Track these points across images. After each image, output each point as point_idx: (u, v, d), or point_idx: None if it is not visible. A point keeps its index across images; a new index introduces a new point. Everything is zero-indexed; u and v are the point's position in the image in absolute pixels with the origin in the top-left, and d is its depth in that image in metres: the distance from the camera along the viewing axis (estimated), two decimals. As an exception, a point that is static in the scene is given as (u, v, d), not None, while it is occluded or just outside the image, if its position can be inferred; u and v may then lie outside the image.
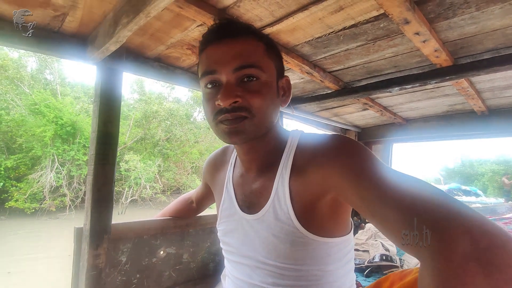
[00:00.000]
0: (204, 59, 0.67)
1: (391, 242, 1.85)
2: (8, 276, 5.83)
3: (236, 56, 0.63)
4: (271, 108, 0.67)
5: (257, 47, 0.66)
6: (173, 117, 16.25)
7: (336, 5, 0.89)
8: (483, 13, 0.92)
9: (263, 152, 0.73)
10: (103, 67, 1.01)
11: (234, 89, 0.62)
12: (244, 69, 0.62)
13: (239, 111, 0.62)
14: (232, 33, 0.65)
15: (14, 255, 6.95)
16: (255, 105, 0.63)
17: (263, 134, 0.69)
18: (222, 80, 0.64)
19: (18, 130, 12.32)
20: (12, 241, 8.28)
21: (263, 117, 0.65)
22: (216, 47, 0.65)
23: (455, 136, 2.22)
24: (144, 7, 0.70)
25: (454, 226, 0.39)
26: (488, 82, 1.52)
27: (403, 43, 1.12)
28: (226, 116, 0.63)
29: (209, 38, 0.66)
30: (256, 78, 0.64)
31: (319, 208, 0.64)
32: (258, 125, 0.65)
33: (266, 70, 0.65)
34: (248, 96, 0.62)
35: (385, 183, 0.51)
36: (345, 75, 1.47)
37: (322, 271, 0.66)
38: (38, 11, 0.86)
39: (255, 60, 0.64)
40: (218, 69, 0.63)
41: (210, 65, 0.65)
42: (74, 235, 1.01)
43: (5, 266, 6.22)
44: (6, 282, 5.61)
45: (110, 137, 1.01)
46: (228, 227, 0.80)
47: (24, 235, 9.02)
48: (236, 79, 0.63)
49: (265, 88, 0.65)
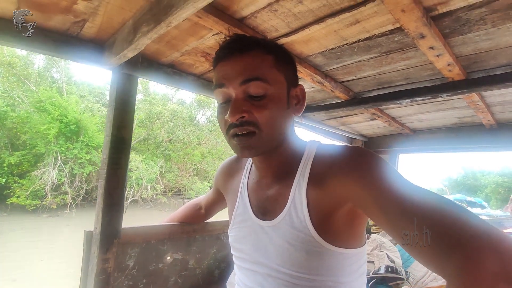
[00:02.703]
0: (215, 75, 0.69)
1: (397, 254, 1.84)
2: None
3: (241, 71, 0.64)
4: (280, 121, 0.68)
5: (264, 60, 0.67)
6: (176, 119, 16.31)
7: (352, 18, 0.90)
8: (499, 30, 0.92)
9: (277, 161, 0.73)
10: (119, 73, 1.02)
11: (242, 104, 0.64)
12: (250, 82, 0.63)
13: (246, 125, 0.63)
14: (240, 49, 0.66)
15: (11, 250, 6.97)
16: (261, 120, 0.64)
17: (275, 147, 0.69)
18: (231, 95, 0.66)
19: (22, 127, 12.42)
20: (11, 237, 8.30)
21: (271, 131, 0.66)
22: (225, 63, 0.67)
23: (463, 149, 2.21)
24: (166, 17, 0.71)
25: (481, 244, 0.39)
26: (499, 96, 1.52)
27: (416, 56, 1.12)
28: (235, 130, 0.64)
29: (219, 55, 0.68)
30: (263, 94, 0.64)
31: (336, 218, 0.64)
32: (267, 139, 0.66)
33: (273, 82, 0.66)
34: (255, 111, 0.63)
35: (405, 196, 0.51)
36: (356, 85, 1.48)
37: (336, 282, 0.65)
38: (58, 17, 0.87)
39: (261, 73, 0.65)
40: (226, 83, 0.65)
41: (219, 79, 0.67)
42: (84, 238, 1.01)
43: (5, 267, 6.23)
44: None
45: (123, 142, 1.02)
46: (240, 233, 0.78)
47: (23, 231, 9.04)
48: (244, 93, 0.65)
49: (272, 102, 0.65)
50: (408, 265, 1.95)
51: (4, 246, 7.36)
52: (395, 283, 1.71)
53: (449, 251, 0.41)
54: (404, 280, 1.73)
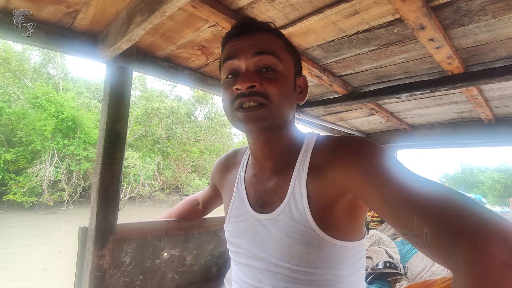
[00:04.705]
0: (226, 50, 0.69)
1: (395, 250, 1.84)
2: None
3: (255, 44, 0.65)
4: (288, 98, 0.67)
5: (276, 42, 0.68)
6: (174, 115, 16.25)
7: (351, 9, 0.88)
8: (499, 21, 0.90)
9: (278, 148, 0.72)
10: (113, 66, 1.00)
11: (252, 75, 0.64)
12: (263, 55, 0.64)
13: (256, 96, 0.63)
14: (253, 29, 0.68)
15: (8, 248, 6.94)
16: (272, 92, 0.63)
17: (279, 126, 0.68)
18: (241, 67, 0.66)
19: (19, 123, 12.32)
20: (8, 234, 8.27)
21: (280, 105, 0.65)
22: (238, 38, 0.68)
23: (461, 144, 2.20)
24: (160, 6, 0.69)
25: (488, 233, 0.38)
26: (497, 91, 1.51)
27: (416, 49, 1.11)
28: (243, 100, 0.63)
29: (231, 33, 0.70)
30: (275, 68, 0.65)
31: (336, 209, 0.63)
32: (275, 112, 0.64)
33: (284, 62, 0.67)
34: (266, 83, 0.63)
35: (408, 186, 0.50)
36: (354, 79, 1.46)
37: (335, 275, 0.64)
38: (50, 7, 0.85)
39: (274, 49, 0.66)
40: (238, 54, 0.65)
41: (230, 52, 0.67)
42: (78, 234, 0.99)
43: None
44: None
45: (118, 136, 1.00)
46: (237, 228, 0.77)
47: (21, 228, 9.00)
48: (255, 66, 0.65)
49: (282, 78, 0.66)
50: (406, 261, 1.95)
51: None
52: (393, 278, 1.71)
53: (455, 240, 0.40)
54: (402, 276, 1.73)
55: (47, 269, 5.97)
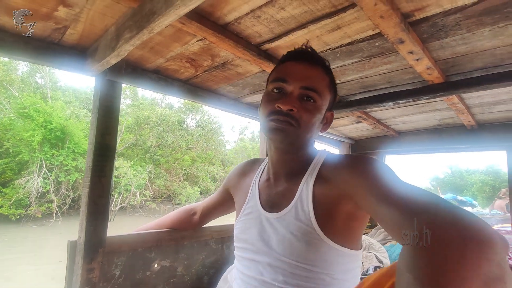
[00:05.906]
0: (280, 69, 0.80)
1: (385, 255, 1.87)
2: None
3: (307, 78, 0.76)
4: (314, 127, 0.79)
5: (324, 79, 0.79)
6: (165, 123, 16.16)
7: (333, 24, 0.92)
8: (474, 35, 0.95)
9: (294, 159, 0.82)
10: (103, 79, 1.01)
11: (295, 100, 0.74)
12: (308, 90, 0.75)
13: (290, 118, 0.73)
14: (311, 60, 0.79)
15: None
16: (304, 119, 0.74)
17: (299, 145, 0.79)
18: (288, 90, 0.76)
19: (5, 134, 12.05)
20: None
21: (306, 130, 0.76)
22: (295, 64, 0.79)
23: (445, 149, 2.27)
24: (148, 24, 0.71)
25: (446, 223, 0.43)
26: (477, 98, 1.57)
27: (397, 60, 1.15)
28: (279, 117, 0.74)
29: (291, 55, 0.81)
30: (314, 101, 0.76)
31: (337, 213, 0.71)
32: (300, 135, 0.76)
33: (323, 98, 0.78)
34: (302, 111, 0.74)
35: (394, 189, 0.57)
36: (341, 89, 1.50)
37: (331, 277, 0.71)
38: (39, 24, 0.86)
39: (319, 87, 0.77)
40: (289, 80, 0.76)
41: (284, 74, 0.77)
42: (67, 248, 0.99)
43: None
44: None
45: (108, 149, 1.01)
46: (246, 224, 0.85)
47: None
48: (299, 95, 0.75)
49: (316, 110, 0.77)
50: (395, 265, 1.96)
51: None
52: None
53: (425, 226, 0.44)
54: (392, 280, 1.74)
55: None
